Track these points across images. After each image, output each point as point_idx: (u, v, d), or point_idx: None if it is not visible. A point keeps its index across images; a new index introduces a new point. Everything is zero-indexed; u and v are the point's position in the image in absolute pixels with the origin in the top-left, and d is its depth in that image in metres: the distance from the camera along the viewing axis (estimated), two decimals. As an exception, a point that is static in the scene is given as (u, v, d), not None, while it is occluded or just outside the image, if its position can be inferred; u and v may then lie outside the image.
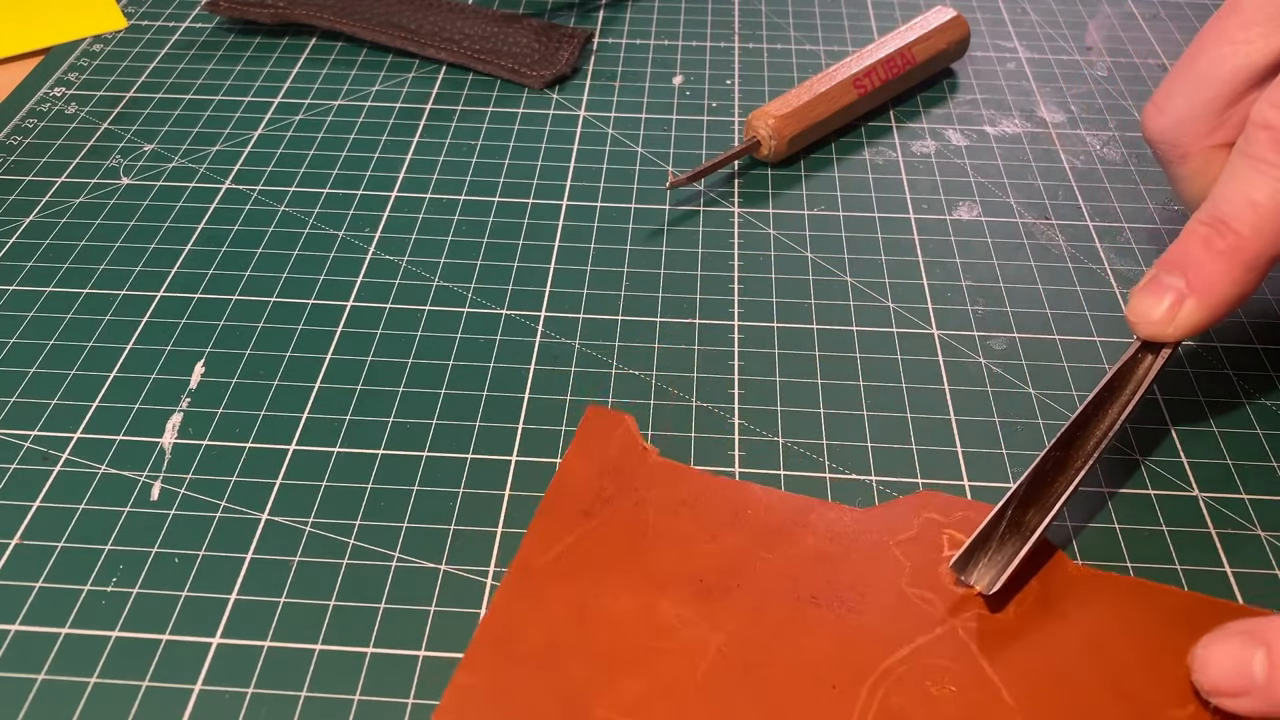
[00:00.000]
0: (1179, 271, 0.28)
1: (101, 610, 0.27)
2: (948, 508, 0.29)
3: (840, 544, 0.28)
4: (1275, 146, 0.27)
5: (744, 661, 0.25)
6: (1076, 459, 0.28)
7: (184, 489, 0.29)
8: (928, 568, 0.27)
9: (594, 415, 0.31)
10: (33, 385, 0.32)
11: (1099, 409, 0.29)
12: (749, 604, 0.26)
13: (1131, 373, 0.29)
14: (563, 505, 0.28)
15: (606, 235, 0.38)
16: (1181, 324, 0.28)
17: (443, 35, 0.47)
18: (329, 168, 0.41)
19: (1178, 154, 0.31)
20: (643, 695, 0.24)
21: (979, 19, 0.50)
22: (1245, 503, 0.29)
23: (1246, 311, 0.35)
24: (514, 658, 0.25)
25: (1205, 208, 0.28)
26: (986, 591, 0.26)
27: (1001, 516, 0.27)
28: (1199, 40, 0.30)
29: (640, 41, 0.48)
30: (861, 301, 0.35)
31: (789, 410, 0.32)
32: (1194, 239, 0.28)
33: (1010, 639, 0.26)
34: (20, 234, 0.38)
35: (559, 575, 0.27)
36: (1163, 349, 0.29)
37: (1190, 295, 0.28)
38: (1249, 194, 0.27)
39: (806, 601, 0.26)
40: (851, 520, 0.28)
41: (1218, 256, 0.27)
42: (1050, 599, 0.27)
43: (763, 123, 0.40)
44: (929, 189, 0.40)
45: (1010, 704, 0.25)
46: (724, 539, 0.28)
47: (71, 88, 0.45)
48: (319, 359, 0.33)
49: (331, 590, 0.27)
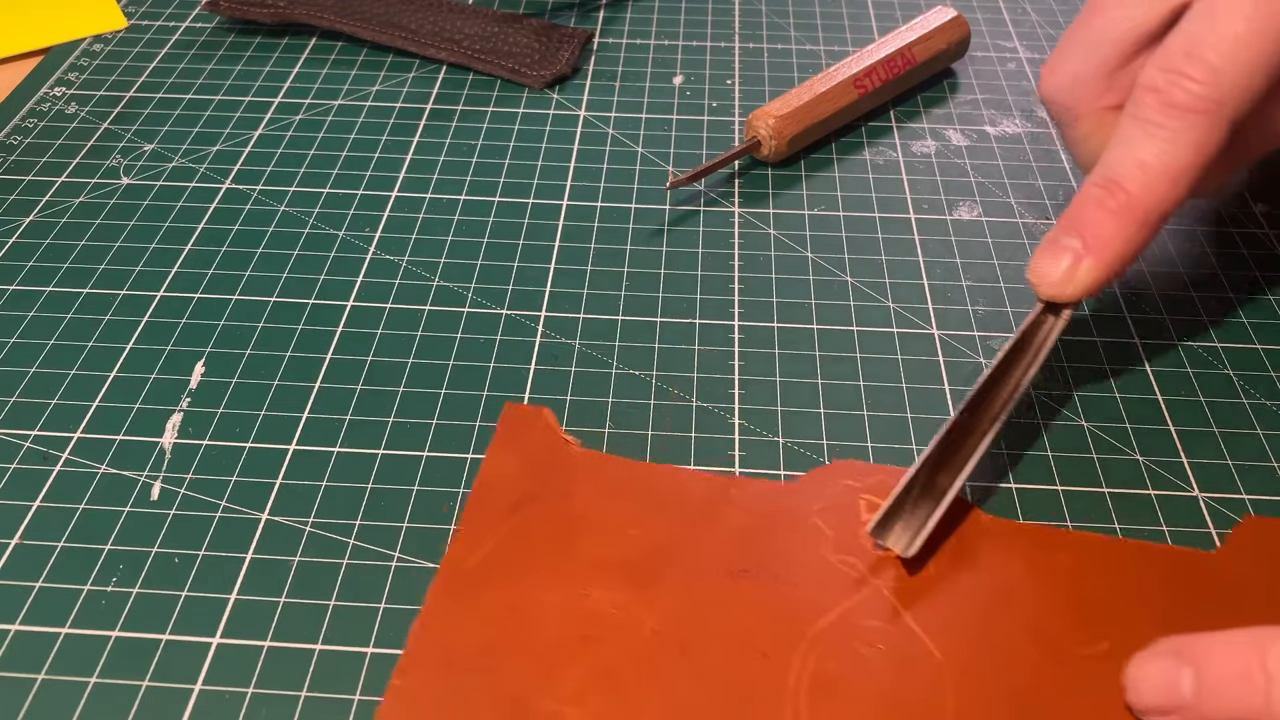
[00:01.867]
0: (1075, 232, 0.29)
1: (101, 610, 0.27)
2: (863, 474, 0.30)
3: (763, 517, 0.28)
4: (1162, 109, 0.27)
5: (679, 640, 0.26)
6: (984, 421, 0.29)
7: (184, 489, 0.29)
8: (849, 534, 0.28)
9: (511, 412, 0.31)
10: (33, 385, 0.32)
11: (1005, 372, 0.29)
12: (679, 584, 0.27)
13: (1035, 335, 0.30)
14: (488, 504, 0.29)
15: (606, 235, 0.38)
16: (1080, 282, 0.29)
17: (443, 35, 0.47)
18: (329, 168, 0.41)
19: (1071, 115, 0.31)
20: (583, 683, 0.25)
21: (979, 19, 0.50)
22: (1245, 503, 0.29)
23: (1246, 311, 0.35)
24: (451, 658, 0.25)
25: (1098, 169, 0.29)
26: (904, 554, 0.27)
27: (915, 480, 0.28)
28: (1089, 5, 0.31)
29: (640, 41, 0.48)
30: (861, 301, 0.35)
31: (789, 410, 0.32)
32: (1088, 200, 0.29)
33: (932, 594, 0.27)
34: (20, 234, 0.38)
35: (489, 574, 0.27)
36: (1064, 309, 0.30)
37: (1087, 255, 0.28)
38: (1138, 155, 0.28)
39: (735, 575, 0.27)
40: (772, 493, 0.29)
41: (1111, 216, 0.28)
42: (967, 553, 0.28)
43: (763, 123, 0.40)
44: (929, 189, 0.40)
45: (937, 656, 0.26)
46: (650, 523, 0.28)
47: (71, 87, 0.45)
48: (319, 359, 0.33)
49: (331, 590, 0.27)
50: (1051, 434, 0.31)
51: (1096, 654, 0.26)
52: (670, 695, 0.25)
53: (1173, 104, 0.27)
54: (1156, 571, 0.27)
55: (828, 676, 0.25)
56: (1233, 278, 0.36)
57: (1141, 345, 0.34)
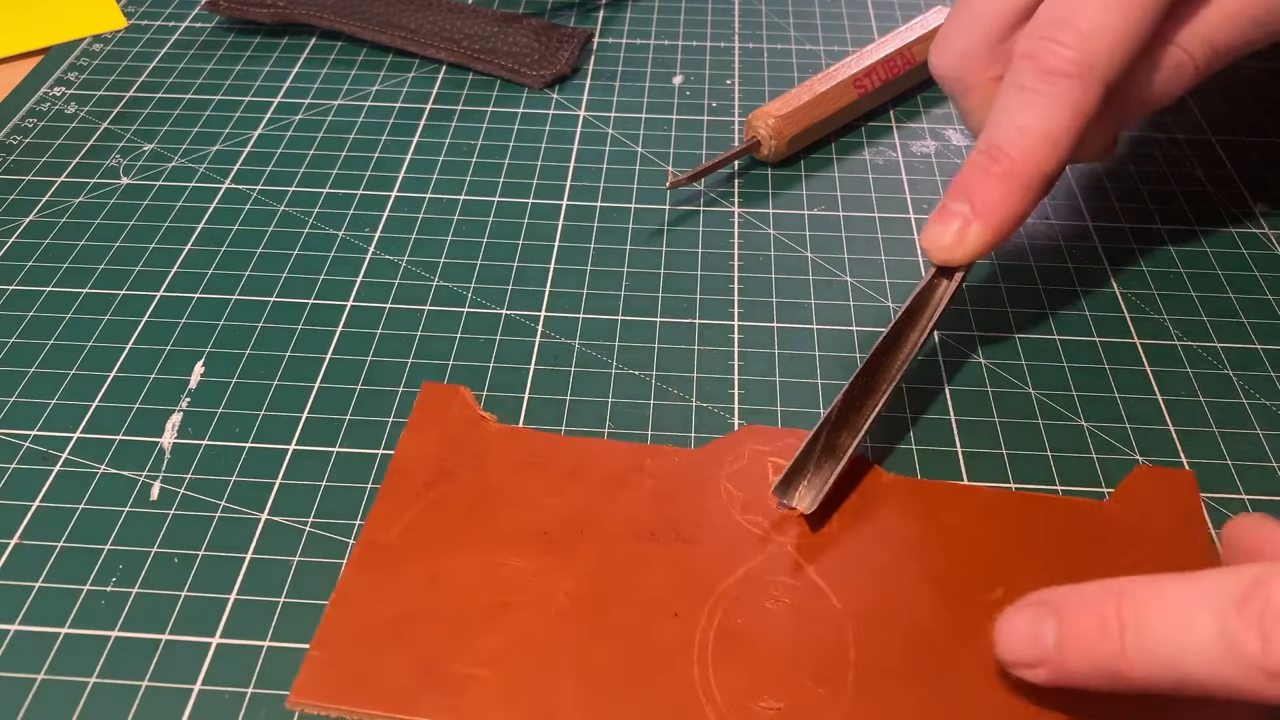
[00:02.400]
0: (963, 198, 0.30)
1: (101, 610, 0.27)
2: (771, 438, 0.30)
3: (676, 483, 0.29)
4: (1037, 74, 0.29)
5: (593, 602, 0.26)
6: (882, 383, 0.30)
7: (184, 489, 0.29)
8: (758, 496, 0.29)
9: (429, 390, 0.32)
10: (32, 385, 0.32)
11: (899, 336, 0.30)
12: (594, 550, 0.28)
13: (928, 299, 0.31)
14: (404, 482, 0.29)
15: (606, 235, 0.38)
16: (970, 246, 0.30)
17: (443, 35, 0.47)
18: (329, 167, 0.41)
19: (961, 88, 0.32)
20: (499, 648, 0.25)
21: (979, 19, 0.50)
22: (1245, 503, 0.29)
23: (1246, 312, 0.35)
24: (367, 629, 0.26)
25: (982, 137, 0.30)
26: (806, 511, 0.28)
27: (816, 441, 0.29)
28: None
29: (640, 41, 0.48)
30: (861, 301, 0.35)
31: (789, 410, 0.32)
32: (974, 167, 0.30)
33: (834, 549, 0.28)
34: (20, 234, 0.38)
35: (406, 547, 0.28)
36: (955, 273, 0.30)
37: (975, 220, 0.29)
38: (1017, 120, 0.29)
39: (646, 539, 0.28)
40: (684, 459, 0.30)
41: (995, 181, 0.29)
42: (867, 509, 0.29)
43: (763, 123, 0.40)
44: (929, 189, 0.40)
45: (839, 607, 0.27)
46: (567, 493, 0.29)
47: (71, 87, 0.45)
48: (319, 359, 0.33)
49: (331, 590, 0.27)
50: (1051, 434, 0.31)
51: (992, 600, 0.26)
52: (584, 656, 0.25)
53: (1047, 70, 0.28)
54: (1050, 522, 0.28)
55: (732, 630, 0.26)
56: (1233, 278, 0.36)
57: (1141, 345, 0.34)
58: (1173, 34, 0.30)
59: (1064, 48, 0.28)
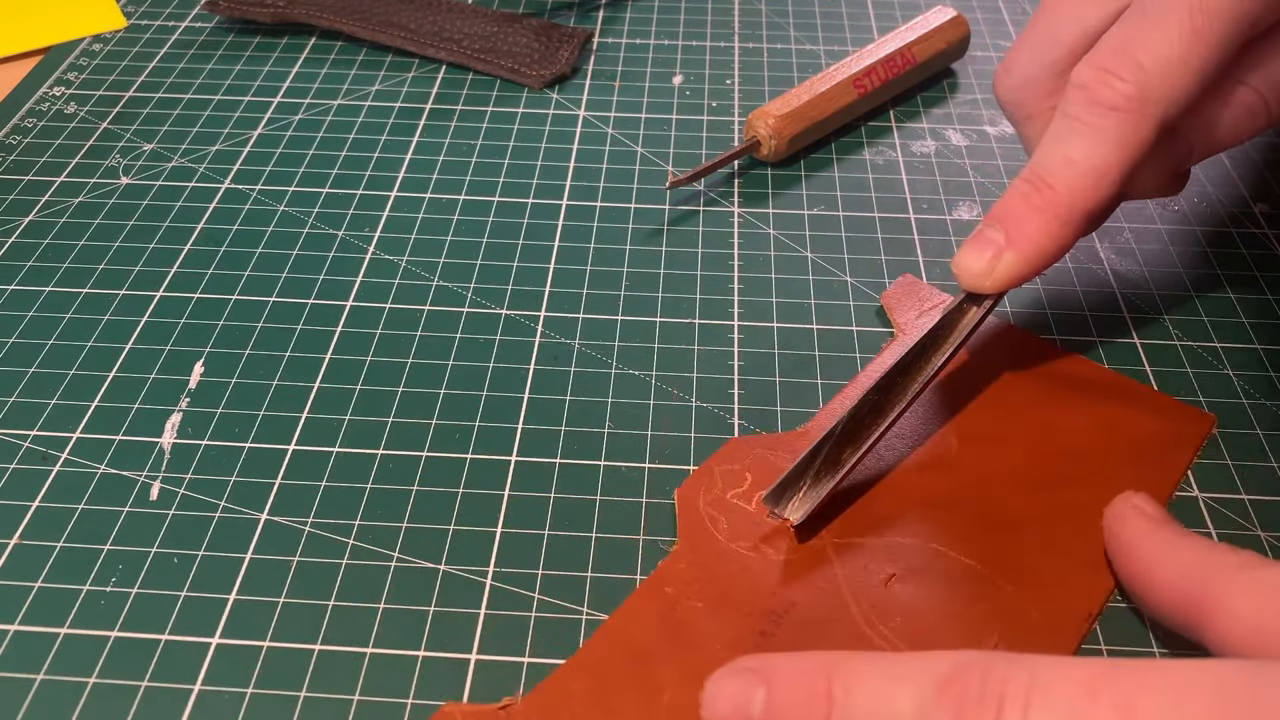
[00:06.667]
0: (1000, 226, 0.29)
1: (101, 610, 0.27)
2: (730, 456, 0.30)
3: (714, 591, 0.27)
4: (1088, 105, 0.27)
5: None
6: (896, 401, 0.29)
7: (183, 489, 0.29)
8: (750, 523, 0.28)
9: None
10: (32, 385, 0.32)
11: (920, 356, 0.29)
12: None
13: (955, 323, 0.30)
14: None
15: (606, 235, 0.38)
16: (1000, 276, 0.29)
17: (443, 35, 0.47)
18: (329, 167, 0.41)
19: (1023, 114, 0.32)
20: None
21: (979, 19, 0.50)
22: (1245, 503, 0.29)
23: (1246, 312, 0.35)
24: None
25: (1029, 165, 0.29)
26: (796, 522, 0.27)
27: (816, 455, 0.28)
28: (1042, 6, 0.31)
29: (640, 41, 0.48)
30: (861, 301, 0.35)
31: (789, 410, 0.32)
32: (1016, 195, 0.29)
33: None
34: (20, 234, 0.38)
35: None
36: (985, 300, 0.30)
37: (1008, 249, 0.28)
38: (1065, 151, 0.28)
39: (769, 636, 0.26)
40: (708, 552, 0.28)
41: (1035, 212, 0.28)
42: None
43: (763, 122, 0.40)
44: (929, 189, 0.40)
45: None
46: None
47: (71, 87, 0.45)
48: (319, 359, 0.33)
49: (331, 590, 0.27)
50: (1051, 434, 0.31)
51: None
52: None
53: (1098, 101, 0.27)
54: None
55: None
56: (1233, 278, 0.36)
57: (1141, 345, 0.34)
58: (1246, 74, 0.28)
59: (1120, 81, 0.27)
